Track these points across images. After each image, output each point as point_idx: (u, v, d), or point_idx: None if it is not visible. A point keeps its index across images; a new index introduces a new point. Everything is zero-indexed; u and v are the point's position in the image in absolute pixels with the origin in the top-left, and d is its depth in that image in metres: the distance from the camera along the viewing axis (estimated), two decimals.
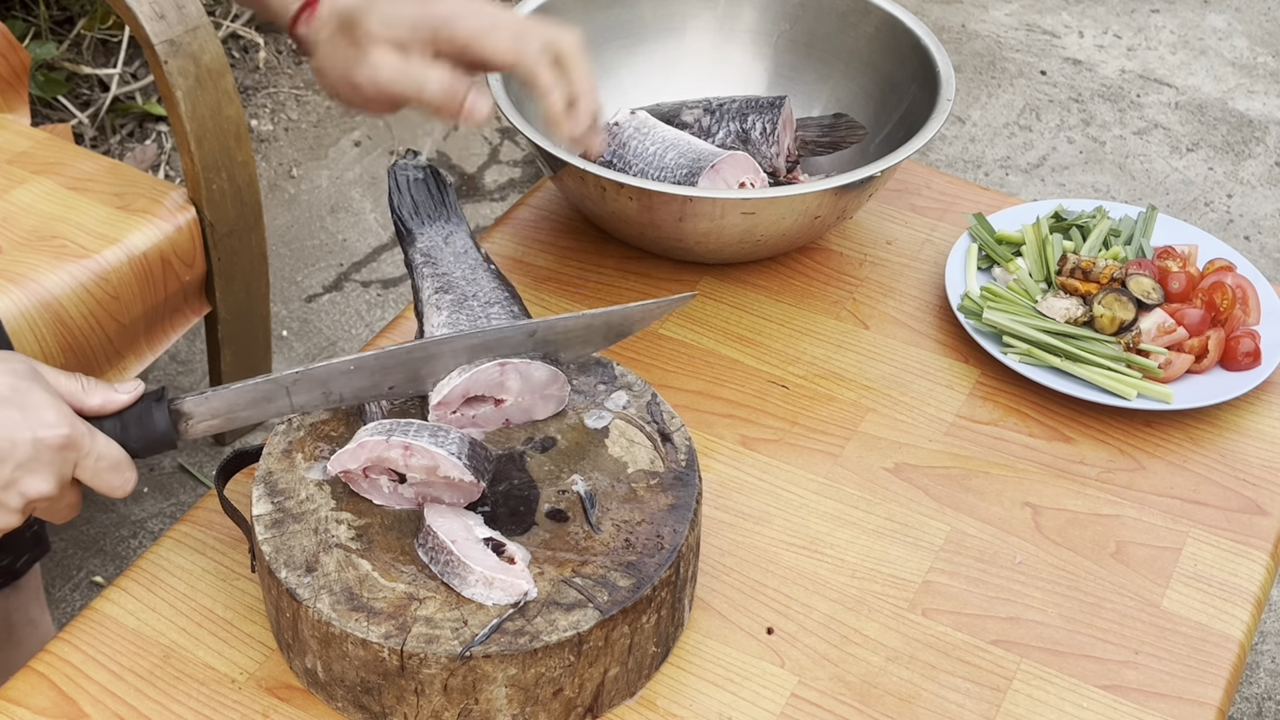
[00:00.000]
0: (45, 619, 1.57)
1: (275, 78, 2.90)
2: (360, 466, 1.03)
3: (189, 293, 1.81)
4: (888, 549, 1.16)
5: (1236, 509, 1.21)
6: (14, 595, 1.51)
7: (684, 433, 1.10)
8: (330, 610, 0.96)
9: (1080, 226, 1.42)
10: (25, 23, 2.68)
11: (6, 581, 1.46)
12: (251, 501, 1.04)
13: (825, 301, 1.39)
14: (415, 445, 1.01)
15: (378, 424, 1.04)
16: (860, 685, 1.06)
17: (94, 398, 0.98)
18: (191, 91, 1.73)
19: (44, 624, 1.56)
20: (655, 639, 1.03)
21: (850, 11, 1.50)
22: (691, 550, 1.05)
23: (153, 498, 2.09)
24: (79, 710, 1.02)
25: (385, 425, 1.03)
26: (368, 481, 1.04)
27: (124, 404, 0.99)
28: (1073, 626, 1.11)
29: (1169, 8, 3.31)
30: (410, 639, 0.95)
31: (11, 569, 1.46)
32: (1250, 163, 2.87)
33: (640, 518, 1.04)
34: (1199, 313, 1.31)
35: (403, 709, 0.98)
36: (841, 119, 1.49)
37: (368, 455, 1.02)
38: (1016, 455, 1.25)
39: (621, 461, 1.08)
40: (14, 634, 1.53)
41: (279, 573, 0.99)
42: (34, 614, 1.55)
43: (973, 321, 1.32)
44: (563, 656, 0.96)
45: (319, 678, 1.01)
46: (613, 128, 1.38)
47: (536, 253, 1.42)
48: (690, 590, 1.07)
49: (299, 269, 2.51)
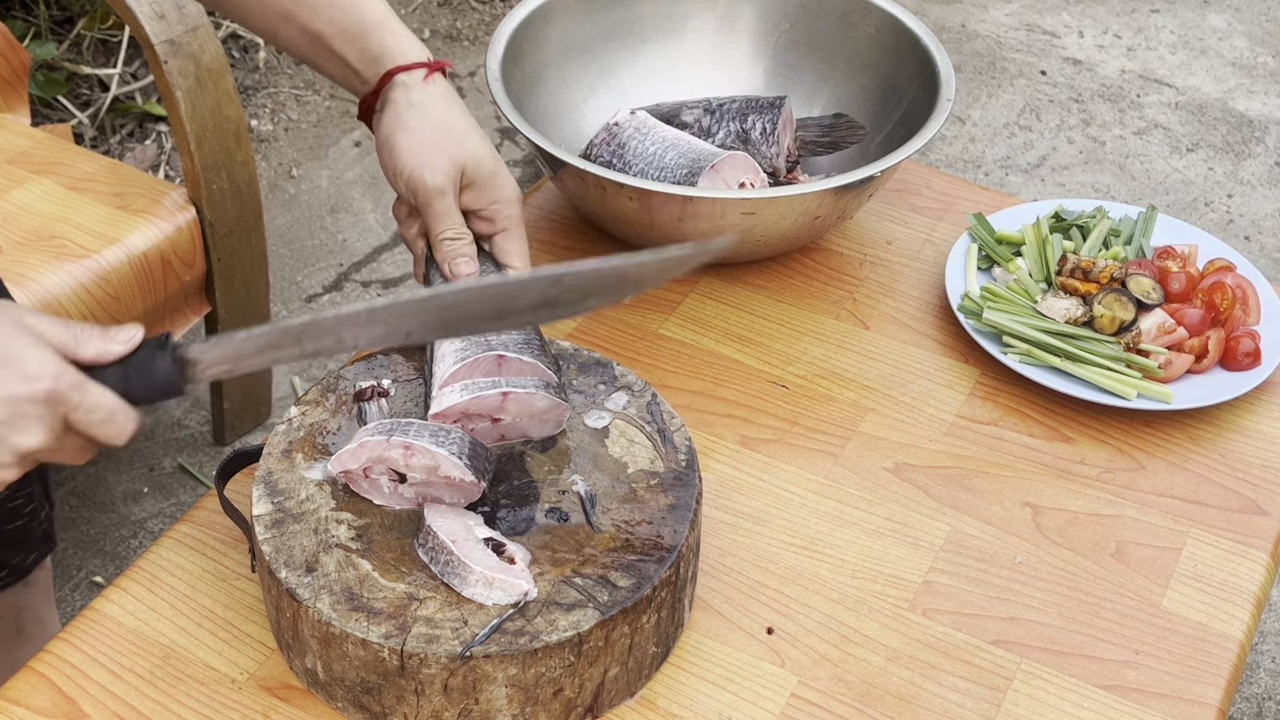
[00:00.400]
0: (54, 618, 1.57)
1: (275, 78, 2.90)
2: (361, 466, 1.03)
3: (189, 293, 1.81)
4: (888, 549, 1.16)
5: (1236, 509, 1.21)
6: (25, 593, 1.50)
7: (684, 433, 1.10)
8: (330, 610, 0.96)
9: (1080, 226, 1.42)
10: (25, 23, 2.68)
11: (16, 579, 1.46)
12: (251, 502, 1.04)
13: (825, 301, 1.39)
14: (416, 445, 1.01)
15: (378, 424, 1.04)
16: (860, 685, 1.06)
17: (88, 348, 0.93)
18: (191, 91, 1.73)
19: (52, 623, 1.56)
20: (655, 639, 1.03)
21: (850, 11, 1.50)
22: (691, 550, 1.05)
23: (153, 498, 2.09)
24: (79, 710, 1.02)
25: (386, 425, 1.03)
26: (368, 481, 1.04)
27: (120, 354, 0.94)
28: (1073, 626, 1.11)
29: (1169, 8, 3.31)
30: (410, 639, 0.95)
31: (21, 566, 1.46)
32: (1250, 163, 2.86)
33: (640, 518, 1.04)
34: (1199, 313, 1.31)
35: (403, 709, 0.98)
36: (841, 119, 1.49)
37: (368, 455, 1.02)
38: (1016, 455, 1.25)
39: (621, 461, 1.08)
40: (24, 632, 1.53)
41: (279, 573, 0.99)
42: (43, 613, 1.55)
43: (973, 321, 1.32)
44: (563, 656, 0.96)
45: (319, 678, 1.01)
46: (613, 128, 1.38)
47: (536, 253, 1.41)
48: (690, 590, 1.07)
49: (299, 269, 2.51)
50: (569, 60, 1.50)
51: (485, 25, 3.12)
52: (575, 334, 1.33)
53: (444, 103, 1.19)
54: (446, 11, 3.15)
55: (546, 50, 1.47)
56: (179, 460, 2.14)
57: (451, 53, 3.04)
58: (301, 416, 1.10)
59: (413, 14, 3.11)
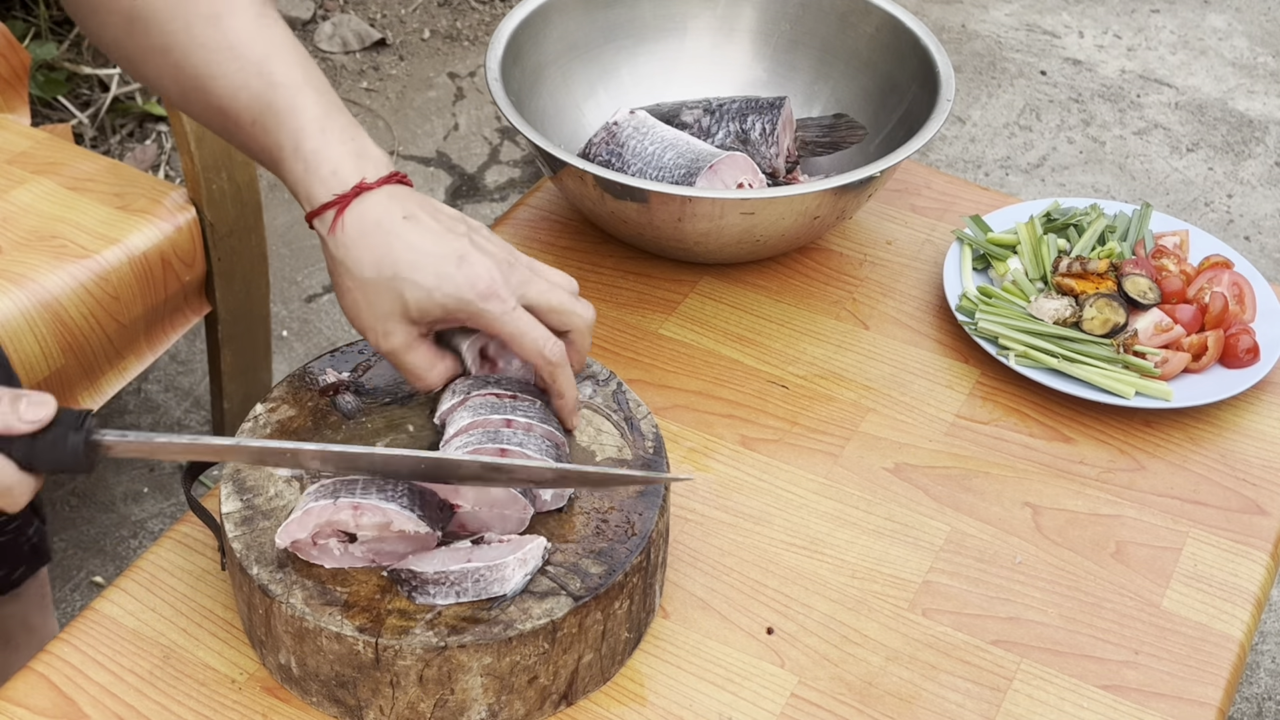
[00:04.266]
0: (48, 624, 1.56)
1: None
2: (310, 535, 0.97)
3: (189, 293, 1.81)
4: (888, 549, 1.16)
5: (1236, 509, 1.21)
6: (12, 604, 1.50)
7: (650, 420, 1.11)
8: (304, 605, 0.97)
9: (1075, 225, 1.42)
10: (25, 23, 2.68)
11: (3, 590, 1.45)
12: (220, 500, 1.04)
13: (825, 301, 1.39)
14: (365, 504, 0.96)
15: (319, 486, 0.98)
16: (860, 685, 1.06)
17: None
18: None
19: (45, 629, 1.55)
20: (628, 625, 1.03)
21: (850, 11, 1.50)
22: (661, 536, 1.05)
23: (153, 498, 2.09)
24: (79, 710, 1.02)
25: (328, 487, 0.98)
26: (317, 549, 0.99)
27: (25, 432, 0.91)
28: (1073, 626, 1.11)
29: (1169, 8, 3.31)
30: (385, 631, 0.95)
31: (8, 580, 1.45)
32: (1250, 163, 2.86)
33: (610, 505, 1.04)
34: (1192, 308, 1.32)
35: (378, 701, 0.98)
36: (841, 119, 1.49)
37: (315, 521, 0.97)
38: (1016, 455, 1.25)
39: (589, 450, 1.08)
40: (11, 640, 1.52)
41: (250, 569, 0.99)
42: (35, 621, 1.54)
43: (971, 322, 1.32)
44: (537, 644, 0.97)
45: (293, 673, 1.01)
46: (612, 127, 1.38)
47: (536, 253, 1.42)
48: (661, 575, 1.08)
49: (299, 269, 2.50)
50: (569, 60, 1.50)
51: (485, 25, 3.12)
52: None
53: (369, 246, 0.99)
54: (446, 11, 3.15)
55: (546, 50, 1.47)
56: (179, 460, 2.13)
57: (451, 52, 3.04)
58: (268, 414, 1.10)
59: (413, 14, 3.11)
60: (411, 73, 2.98)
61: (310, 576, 0.99)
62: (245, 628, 1.05)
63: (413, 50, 3.04)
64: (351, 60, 2.98)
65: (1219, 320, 1.32)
